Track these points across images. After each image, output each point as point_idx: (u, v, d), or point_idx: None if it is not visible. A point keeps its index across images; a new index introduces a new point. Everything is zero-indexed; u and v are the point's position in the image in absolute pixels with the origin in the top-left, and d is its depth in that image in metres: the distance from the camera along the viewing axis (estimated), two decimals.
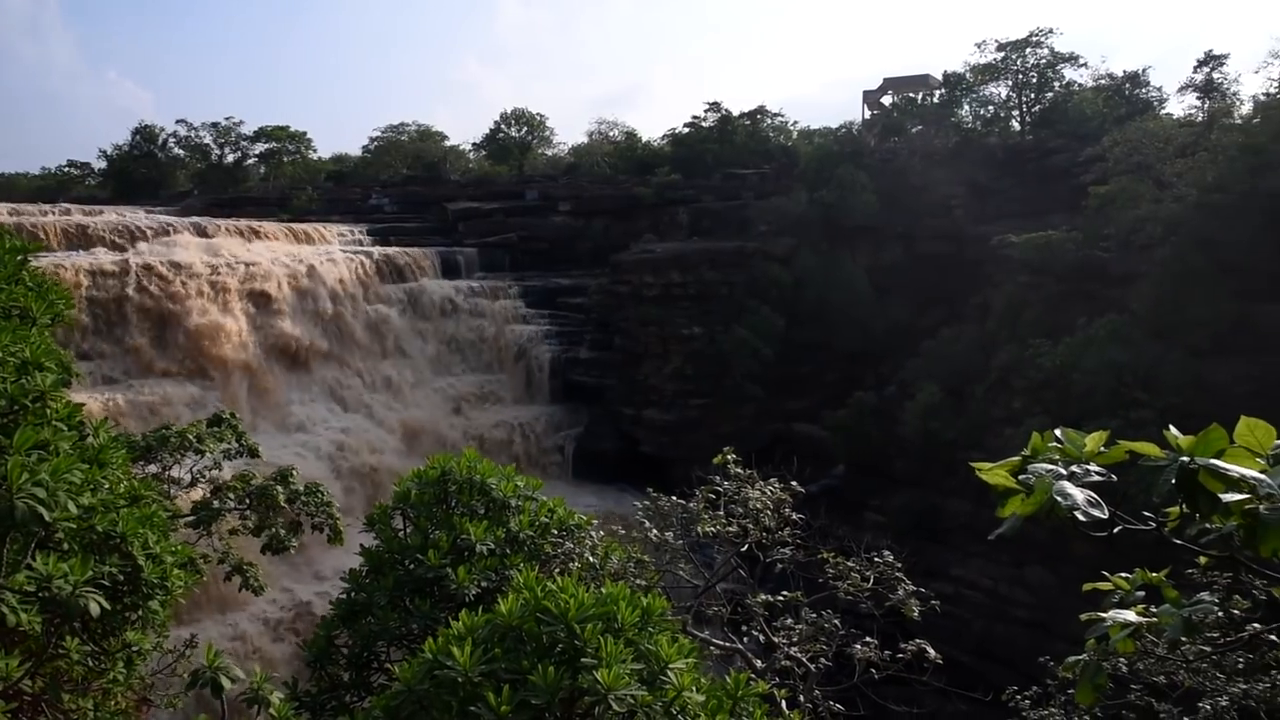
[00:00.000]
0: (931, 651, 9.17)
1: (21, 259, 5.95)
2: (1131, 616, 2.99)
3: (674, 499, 10.27)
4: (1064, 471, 2.54)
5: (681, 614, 8.91)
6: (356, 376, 44.96)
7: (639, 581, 8.17)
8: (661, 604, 4.88)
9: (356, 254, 48.89)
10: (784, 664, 9.42)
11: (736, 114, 69.63)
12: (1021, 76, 63.03)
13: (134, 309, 36.80)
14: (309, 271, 44.09)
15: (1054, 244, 41.86)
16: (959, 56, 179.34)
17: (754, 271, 51.40)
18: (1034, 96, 63.69)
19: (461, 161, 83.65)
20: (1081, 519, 2.42)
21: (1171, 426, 2.62)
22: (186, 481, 12.06)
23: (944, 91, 63.33)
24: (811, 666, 9.36)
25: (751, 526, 9.84)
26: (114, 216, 44.42)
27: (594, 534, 7.95)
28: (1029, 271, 42.75)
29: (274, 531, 12.04)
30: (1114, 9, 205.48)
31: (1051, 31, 62.35)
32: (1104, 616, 3.07)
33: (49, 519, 4.27)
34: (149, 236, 41.46)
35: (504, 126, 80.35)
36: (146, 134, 76.86)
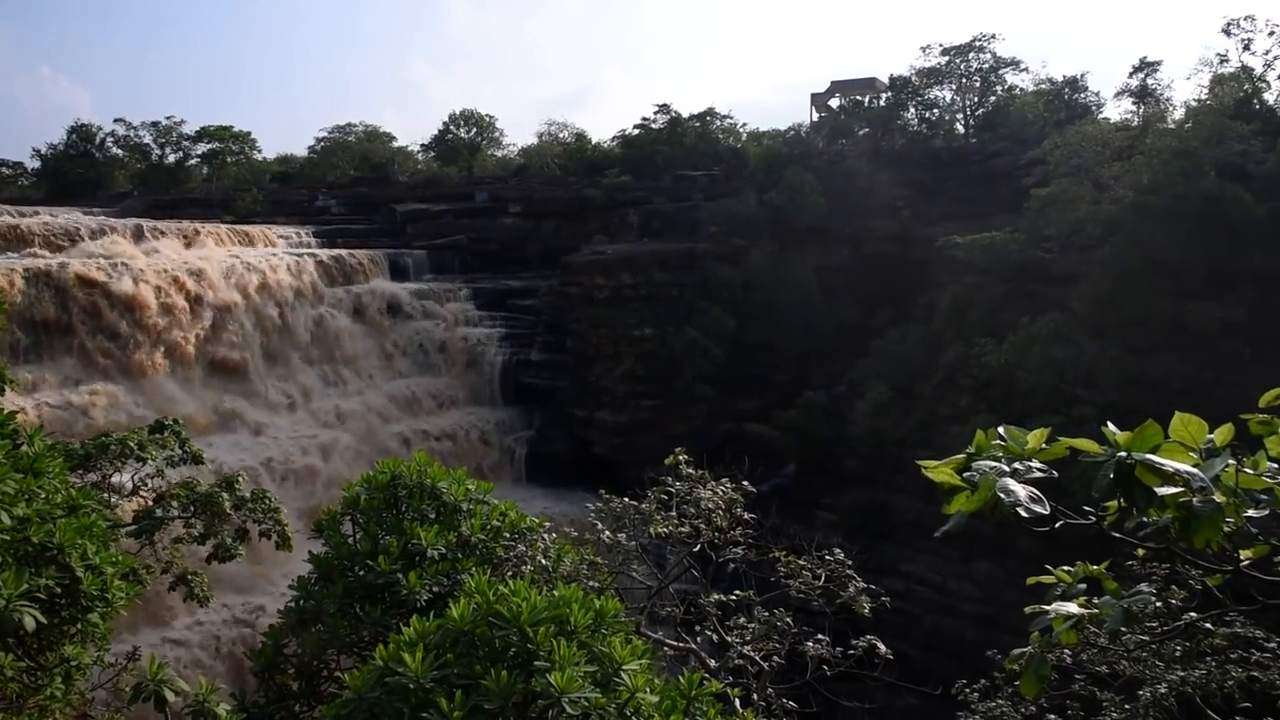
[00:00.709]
0: (882, 647, 9.28)
1: None
2: (1073, 609, 3.06)
3: (626, 500, 10.27)
4: (1007, 468, 2.59)
5: (635, 615, 8.91)
6: (304, 380, 44.26)
7: (592, 584, 8.15)
8: (615, 606, 4.88)
9: (303, 256, 48.13)
10: (737, 663, 9.47)
11: (686, 116, 69.92)
12: (965, 81, 64.22)
13: (71, 312, 35.81)
14: (254, 274, 43.30)
15: (997, 245, 42.69)
16: (905, 60, 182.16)
17: (704, 273, 51.67)
18: (977, 100, 64.93)
19: (410, 163, 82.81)
20: (1024, 515, 2.47)
21: (1110, 423, 2.69)
22: (128, 490, 11.75)
23: (890, 95, 64.25)
24: (764, 665, 9.42)
25: (704, 527, 9.87)
26: (49, 217, 43.18)
27: (546, 537, 7.93)
28: (974, 272, 43.55)
29: (220, 539, 11.79)
30: (1053, 16, 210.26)
31: (994, 37, 63.75)
32: (1047, 609, 3.13)
33: None
34: (87, 238, 40.36)
35: (453, 127, 79.75)
36: (83, 133, 74.80)
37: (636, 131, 69.73)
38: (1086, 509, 2.90)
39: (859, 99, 66.83)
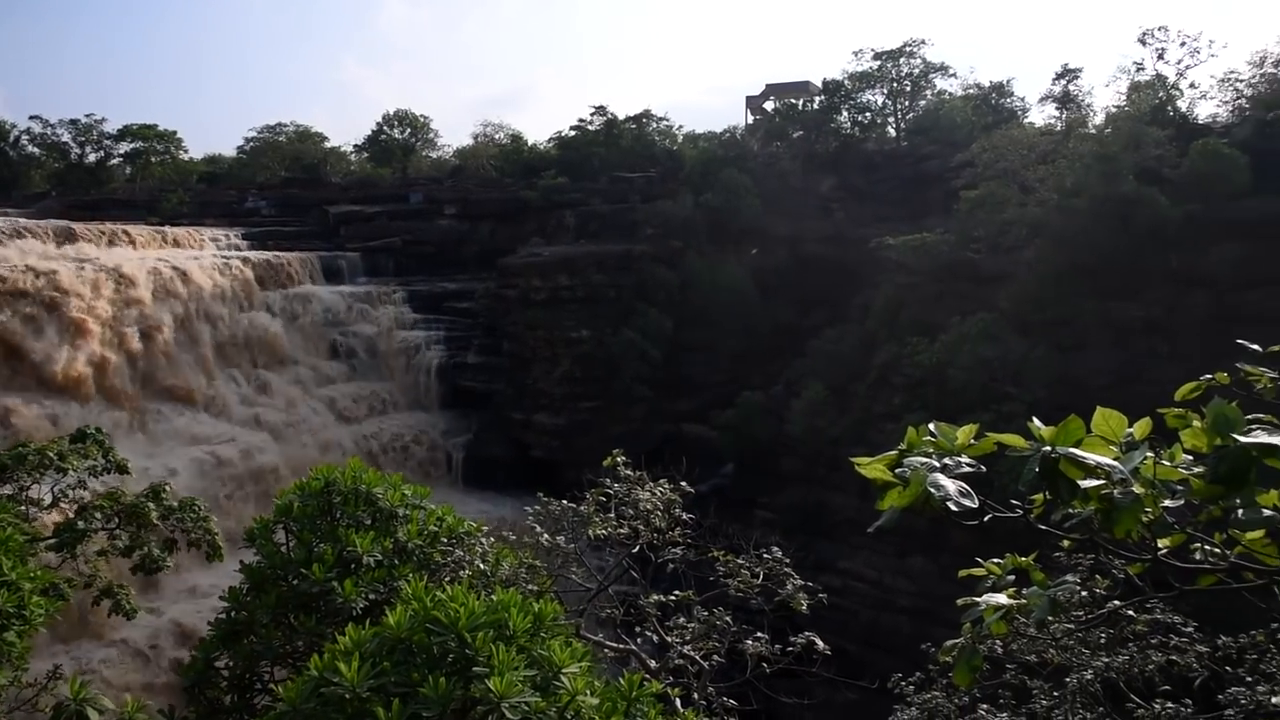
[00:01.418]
0: (820, 643, 9.39)
1: None
2: (1003, 600, 3.13)
3: (565, 503, 10.24)
4: (937, 464, 2.65)
5: (574, 618, 8.89)
6: (234, 387, 43.24)
7: (531, 587, 8.11)
8: (554, 609, 4.86)
9: (233, 259, 47.02)
10: (678, 663, 9.50)
11: (622, 118, 70.01)
12: (896, 85, 65.43)
13: None
14: (181, 277, 42.12)
15: (929, 246, 43.57)
16: (837, 64, 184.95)
17: (641, 274, 51.81)
18: (908, 104, 66.21)
19: (342, 164, 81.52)
20: (954, 509, 2.53)
21: (1035, 419, 2.77)
22: (47, 502, 11.34)
23: (824, 98, 65.16)
24: (705, 664, 9.47)
25: (642, 528, 9.89)
26: None
27: (484, 541, 7.86)
28: (906, 272, 44.38)
29: (146, 551, 11.45)
30: (980, 24, 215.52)
31: (924, 43, 65.15)
32: (978, 601, 3.21)
33: None
34: (3, 240, 38.89)
35: (386, 128, 78.74)
36: None
37: (573, 133, 69.64)
38: (1014, 502, 2.98)
39: (793, 102, 67.65)
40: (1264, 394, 3.60)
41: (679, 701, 8.19)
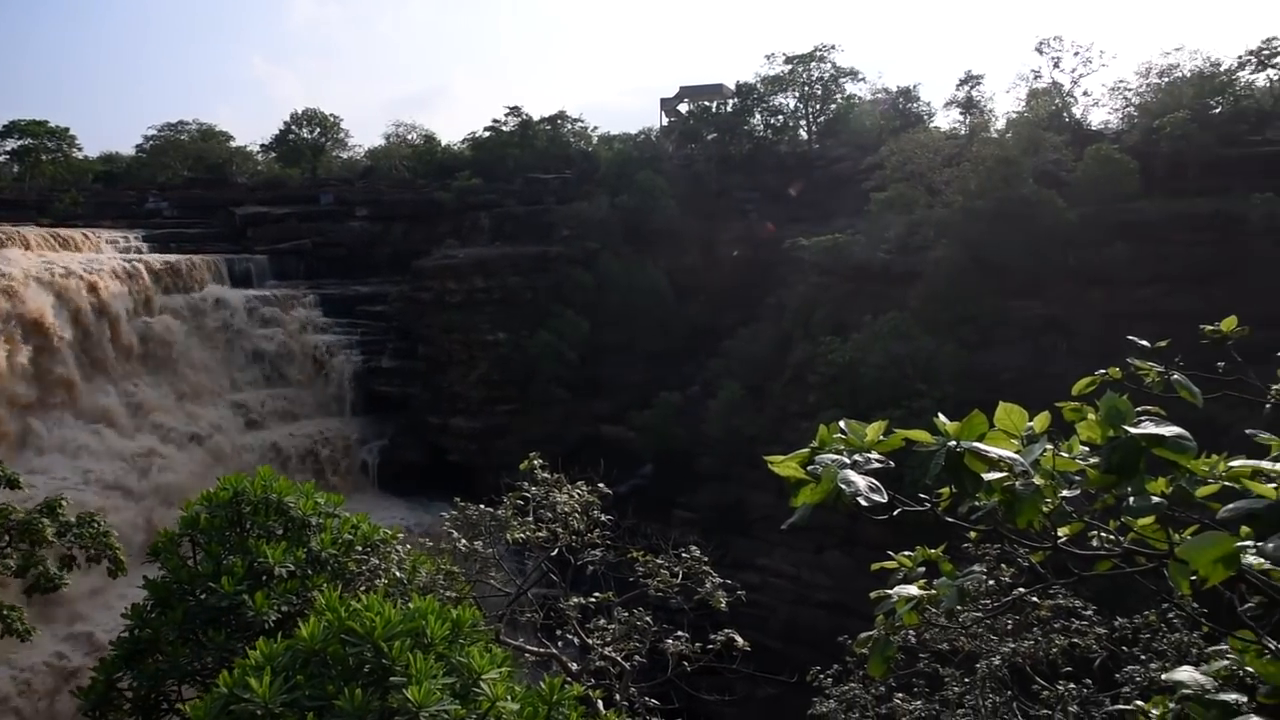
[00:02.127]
0: (740, 640, 9.49)
1: None
2: (914, 591, 3.22)
3: (482, 507, 10.15)
4: (848, 460, 2.71)
5: (494, 623, 8.82)
6: (135, 395, 41.58)
7: (449, 594, 8.01)
8: (473, 615, 4.82)
9: (133, 262, 45.21)
10: (599, 664, 9.50)
11: (537, 119, 69.61)
12: (808, 88, 66.58)
13: None
14: (76, 281, 40.31)
15: (840, 246, 44.50)
16: (750, 67, 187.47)
17: (557, 276, 51.71)
18: (819, 107, 67.43)
19: (249, 164, 79.08)
20: (864, 504, 2.59)
21: (941, 414, 2.85)
22: None
23: (737, 101, 65.97)
24: (626, 665, 9.49)
25: (561, 530, 9.86)
26: None
27: (401, 548, 7.74)
28: (819, 272, 45.26)
29: (41, 570, 10.93)
30: (888, 30, 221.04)
31: (834, 48, 66.39)
32: (890, 593, 3.29)
33: None
34: None
35: (295, 127, 76.64)
36: None
37: (487, 134, 69.01)
38: (922, 496, 3.06)
39: (707, 104, 68.31)
40: (1152, 387, 3.79)
41: (601, 703, 8.20)
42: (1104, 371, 3.80)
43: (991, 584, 8.21)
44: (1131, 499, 2.65)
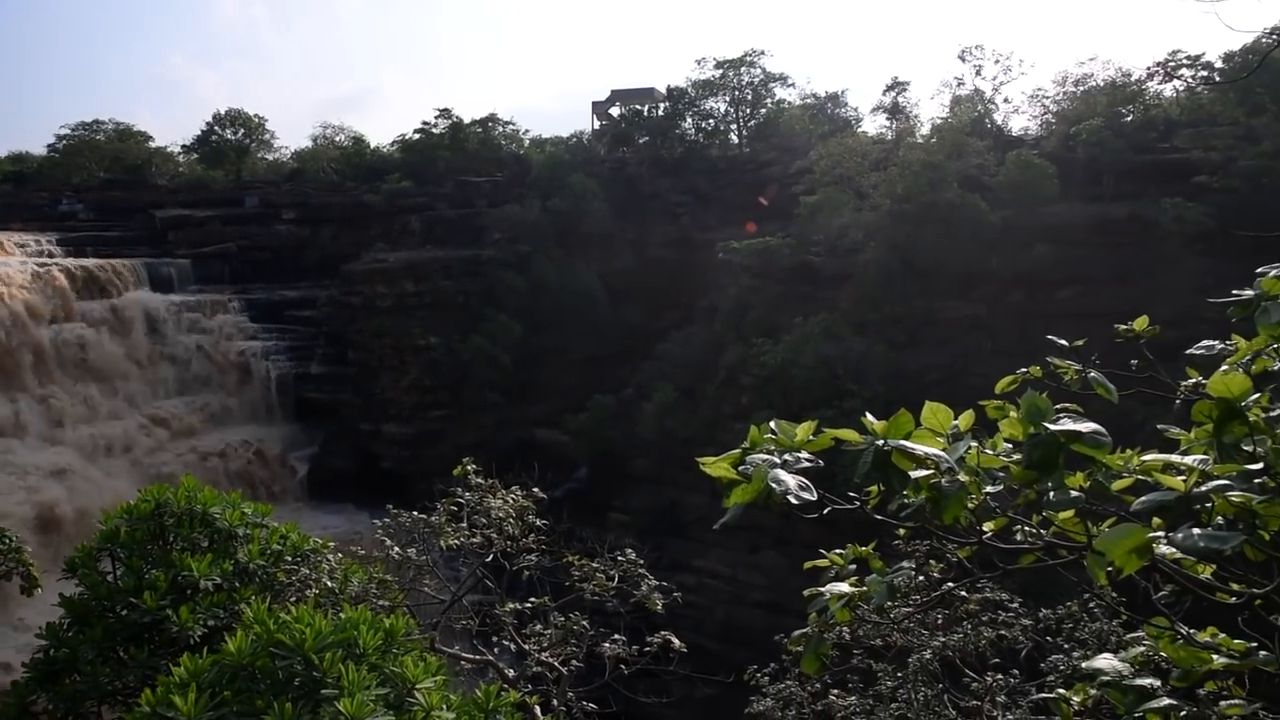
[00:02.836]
0: (676, 641, 9.52)
1: None
2: (845, 588, 3.27)
3: (415, 514, 10.01)
4: (778, 460, 2.74)
5: (429, 631, 8.71)
6: (50, 404, 40.06)
7: (382, 603, 7.89)
8: (406, 623, 4.75)
9: (45, 267, 43.58)
10: (536, 670, 9.44)
11: (468, 121, 68.97)
12: (738, 93, 67.24)
13: None
14: None
15: (771, 249, 45.03)
16: (681, 71, 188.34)
17: (490, 279, 51.35)
18: (749, 112, 68.15)
19: (170, 165, 76.83)
20: (794, 502, 2.62)
21: (869, 414, 2.91)
22: None
23: (668, 104, 66.29)
24: (563, 670, 9.45)
25: (496, 536, 9.78)
26: None
27: (332, 557, 7.59)
28: (750, 275, 45.73)
29: None
30: (816, 36, 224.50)
31: (763, 53, 67.14)
32: (823, 591, 3.34)
33: None
34: None
35: (218, 128, 74.64)
36: None
37: (417, 136, 68.15)
38: (852, 495, 3.12)
39: (638, 108, 68.51)
40: (1070, 385, 3.92)
41: (539, 709, 8.15)
42: (1025, 370, 3.91)
43: (921, 580, 8.38)
44: (1052, 494, 2.73)
